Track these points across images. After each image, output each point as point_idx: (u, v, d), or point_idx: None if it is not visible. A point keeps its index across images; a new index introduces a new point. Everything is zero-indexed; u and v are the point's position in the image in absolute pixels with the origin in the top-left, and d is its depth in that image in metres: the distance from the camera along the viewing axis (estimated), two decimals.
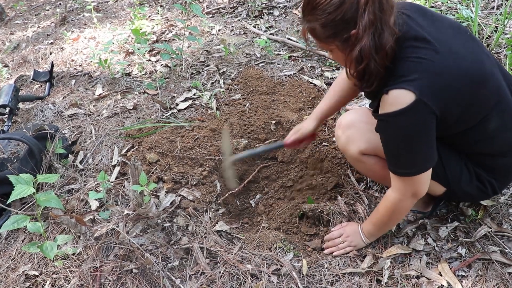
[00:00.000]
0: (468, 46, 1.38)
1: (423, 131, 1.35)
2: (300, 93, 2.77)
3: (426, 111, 1.30)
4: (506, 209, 1.84)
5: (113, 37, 3.79)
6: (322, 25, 1.30)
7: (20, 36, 4.43)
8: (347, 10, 1.24)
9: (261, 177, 2.50)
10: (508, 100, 1.45)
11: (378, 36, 1.25)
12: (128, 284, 1.71)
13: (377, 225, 1.72)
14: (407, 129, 1.35)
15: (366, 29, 1.23)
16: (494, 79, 1.41)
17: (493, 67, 1.43)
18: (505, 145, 1.50)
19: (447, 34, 1.37)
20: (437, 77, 1.29)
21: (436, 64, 1.29)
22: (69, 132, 2.66)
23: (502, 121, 1.44)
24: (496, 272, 1.62)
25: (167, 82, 3.02)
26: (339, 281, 1.71)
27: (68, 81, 3.26)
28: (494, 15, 3.17)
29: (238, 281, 1.73)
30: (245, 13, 4.00)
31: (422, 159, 1.41)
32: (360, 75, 1.35)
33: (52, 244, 1.63)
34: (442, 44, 1.32)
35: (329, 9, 1.25)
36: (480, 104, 1.39)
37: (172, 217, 1.97)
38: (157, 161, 2.24)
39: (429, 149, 1.40)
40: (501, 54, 2.74)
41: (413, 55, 1.31)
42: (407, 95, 1.28)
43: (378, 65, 1.29)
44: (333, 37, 1.33)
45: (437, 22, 1.40)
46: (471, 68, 1.33)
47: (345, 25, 1.27)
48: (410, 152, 1.40)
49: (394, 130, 1.38)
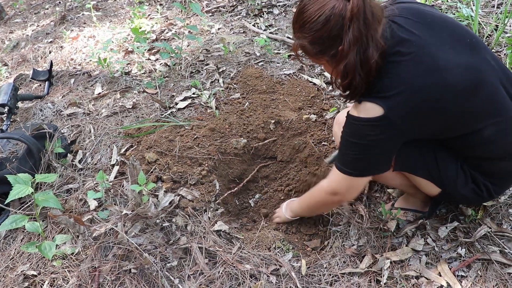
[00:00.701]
0: (463, 50, 1.35)
1: (379, 144, 1.40)
2: (300, 92, 2.77)
3: (389, 127, 1.34)
4: (506, 209, 1.83)
5: (113, 36, 3.78)
6: (310, 43, 1.35)
7: (19, 34, 4.43)
8: (333, 28, 1.27)
9: (260, 176, 2.50)
10: (506, 106, 1.42)
11: (363, 52, 1.27)
12: (126, 284, 1.71)
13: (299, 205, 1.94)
14: (364, 137, 1.39)
15: (351, 45, 1.26)
16: (489, 87, 1.37)
17: (491, 74, 1.39)
18: (503, 150, 1.48)
19: (442, 43, 1.34)
20: (415, 93, 1.29)
21: (415, 80, 1.29)
22: (68, 131, 2.65)
23: (499, 128, 1.42)
24: (496, 272, 1.62)
25: (166, 81, 3.02)
26: (338, 281, 1.70)
27: (67, 80, 3.26)
28: (494, 13, 3.16)
29: (237, 281, 1.72)
30: (245, 11, 3.99)
31: (366, 165, 1.48)
32: (346, 88, 1.39)
33: (50, 244, 1.63)
34: (429, 60, 1.30)
35: (316, 27, 1.29)
36: (470, 115, 1.38)
37: (171, 217, 1.97)
38: (156, 161, 2.24)
39: (378, 160, 1.47)
40: (502, 53, 2.73)
41: (394, 70, 1.31)
42: (375, 108, 1.32)
43: (362, 79, 1.32)
44: (321, 53, 1.37)
45: (436, 28, 1.37)
46: (457, 80, 1.30)
47: (332, 42, 1.31)
48: (359, 156, 1.45)
49: (353, 132, 1.42)
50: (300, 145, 2.46)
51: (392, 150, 1.46)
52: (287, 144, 2.50)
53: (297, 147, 2.47)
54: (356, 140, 1.41)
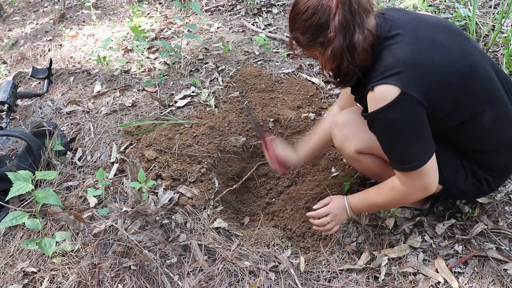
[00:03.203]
0: (455, 40, 1.40)
1: (414, 122, 1.35)
2: (299, 91, 2.78)
3: (412, 102, 1.31)
4: (502, 206, 1.85)
5: (112, 34, 3.79)
6: (302, 33, 1.42)
7: (18, 32, 4.43)
8: (321, 16, 1.35)
9: (259, 174, 2.51)
10: (500, 95, 1.46)
11: (350, 38, 1.33)
12: (126, 281, 1.72)
13: (370, 205, 1.68)
14: (396, 124, 1.35)
15: (337, 30, 1.33)
16: (484, 72, 1.42)
17: (484, 62, 1.44)
18: (500, 140, 1.51)
19: (433, 28, 1.41)
20: (420, 68, 1.31)
21: (418, 56, 1.32)
22: (67, 129, 2.66)
23: (495, 116, 1.45)
24: (492, 268, 1.63)
25: (165, 80, 3.03)
26: (336, 277, 1.72)
27: (67, 78, 3.26)
28: (491, 14, 3.18)
29: (236, 277, 1.73)
30: (244, 11, 4.00)
31: (419, 150, 1.39)
32: (335, 73, 1.44)
33: (50, 240, 1.64)
34: (426, 38, 1.36)
35: (306, 17, 1.37)
36: (470, 96, 1.39)
37: (171, 214, 1.98)
38: (155, 158, 2.25)
39: (424, 140, 1.39)
40: (498, 53, 2.75)
41: (392, 51, 1.35)
42: (391, 89, 1.30)
43: (350, 64, 1.36)
44: (313, 42, 1.42)
45: (423, 19, 1.45)
46: (457, 60, 1.35)
47: (321, 30, 1.37)
48: (406, 146, 1.38)
49: (384, 126, 1.39)
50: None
51: (427, 127, 1.38)
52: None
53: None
54: (393, 131, 1.37)
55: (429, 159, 1.40)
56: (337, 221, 1.72)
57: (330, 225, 1.71)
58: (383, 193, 1.59)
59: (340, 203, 1.72)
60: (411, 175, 1.43)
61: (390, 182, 1.54)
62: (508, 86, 1.52)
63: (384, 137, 1.44)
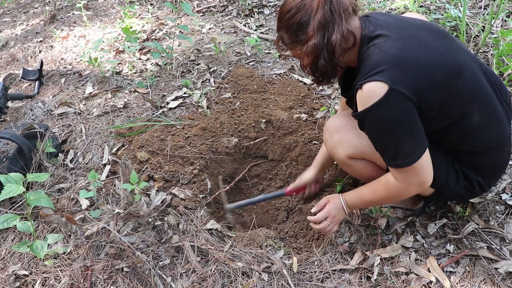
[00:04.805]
0: (440, 40, 1.43)
1: (404, 118, 1.35)
2: (290, 91, 2.79)
3: (401, 98, 1.31)
4: (493, 206, 1.87)
5: (103, 35, 3.77)
6: (286, 31, 1.49)
7: (8, 34, 4.39)
8: (303, 15, 1.41)
9: (251, 175, 2.51)
10: (488, 95, 1.47)
11: (328, 36, 1.38)
12: (119, 283, 1.71)
13: (366, 203, 1.70)
14: (387, 121, 1.35)
15: (315, 29, 1.39)
16: (471, 72, 1.43)
17: (471, 62, 1.46)
18: (490, 141, 1.52)
19: (418, 29, 1.44)
20: (407, 65, 1.33)
21: (404, 53, 1.34)
22: (59, 131, 2.64)
23: (484, 116, 1.46)
24: (483, 267, 1.65)
25: (157, 81, 3.02)
26: (329, 278, 1.72)
27: (58, 80, 3.24)
28: (481, 14, 3.21)
29: (229, 278, 1.73)
30: (236, 11, 4.00)
31: (412, 146, 1.39)
32: (312, 69, 1.50)
33: (42, 243, 1.63)
34: (411, 37, 1.39)
35: (289, 15, 1.44)
36: (458, 95, 1.40)
37: (163, 216, 1.97)
38: (147, 160, 2.24)
39: (416, 135, 1.39)
40: (488, 53, 2.78)
41: (378, 49, 1.37)
42: (379, 86, 1.31)
43: (327, 63, 1.43)
44: (295, 40, 1.48)
45: (407, 21, 1.48)
46: (443, 59, 1.37)
47: (302, 28, 1.43)
48: (398, 143, 1.38)
49: (375, 124, 1.39)
50: (291, 144, 2.48)
51: (418, 122, 1.38)
52: (278, 143, 2.52)
53: (288, 146, 2.49)
54: (384, 128, 1.38)
55: (423, 154, 1.41)
56: (336, 222, 1.74)
57: (329, 227, 1.74)
58: (378, 190, 1.59)
59: (337, 204, 1.73)
60: (405, 171, 1.44)
61: (385, 179, 1.55)
62: (498, 86, 1.53)
63: (376, 135, 1.44)
